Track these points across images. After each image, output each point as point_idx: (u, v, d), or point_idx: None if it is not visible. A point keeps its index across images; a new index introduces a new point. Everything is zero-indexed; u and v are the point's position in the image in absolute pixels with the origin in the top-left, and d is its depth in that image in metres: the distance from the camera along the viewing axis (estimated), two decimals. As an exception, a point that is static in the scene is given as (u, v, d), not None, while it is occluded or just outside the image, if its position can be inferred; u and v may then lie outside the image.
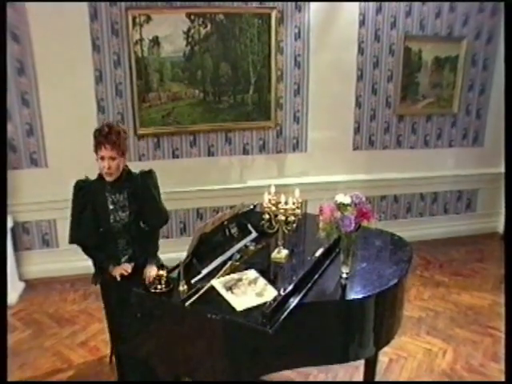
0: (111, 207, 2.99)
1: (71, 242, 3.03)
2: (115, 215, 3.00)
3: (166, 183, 5.07)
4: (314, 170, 5.57)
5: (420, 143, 5.98)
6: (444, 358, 3.91)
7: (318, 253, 2.85)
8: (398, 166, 5.88)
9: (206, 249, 2.82)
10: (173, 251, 3.61)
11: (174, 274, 2.69)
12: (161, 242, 5.36)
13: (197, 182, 5.32)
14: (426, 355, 3.95)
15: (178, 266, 2.67)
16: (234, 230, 3.13)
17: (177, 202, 5.25)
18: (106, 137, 2.83)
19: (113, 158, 2.87)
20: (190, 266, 2.68)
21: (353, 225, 2.50)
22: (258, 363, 2.48)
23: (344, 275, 2.69)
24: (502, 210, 6.07)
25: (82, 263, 3.51)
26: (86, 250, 3.08)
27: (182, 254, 2.68)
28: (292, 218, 2.78)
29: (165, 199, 5.12)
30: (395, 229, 3.76)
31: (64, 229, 2.92)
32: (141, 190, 3.07)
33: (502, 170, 5.97)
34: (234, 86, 5.24)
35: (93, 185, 2.99)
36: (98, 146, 2.85)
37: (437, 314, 4.53)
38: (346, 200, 2.57)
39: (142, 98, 5.02)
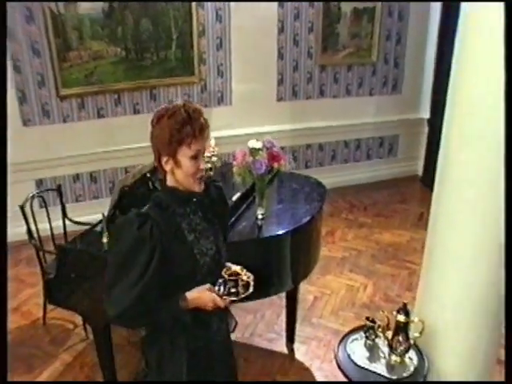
0: (190, 238, 1.89)
1: (116, 317, 1.81)
2: (199, 247, 1.91)
3: (93, 143, 5.12)
4: (240, 122, 5.62)
5: (342, 92, 6.14)
6: (365, 292, 4.23)
7: (235, 197, 3.00)
8: (321, 114, 6.02)
9: (129, 202, 2.90)
10: (103, 211, 3.65)
11: (99, 228, 2.78)
12: (91, 202, 5.39)
13: (124, 140, 5.25)
14: (348, 291, 4.25)
15: (101, 220, 2.76)
16: (158, 184, 3.20)
17: (105, 161, 5.27)
18: (199, 120, 1.80)
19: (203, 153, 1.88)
20: (114, 220, 2.76)
21: (263, 167, 2.66)
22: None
23: (260, 216, 2.86)
24: (421, 154, 6.42)
25: (12, 230, 3.38)
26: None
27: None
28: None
29: (93, 159, 5.14)
30: (321, 175, 3.96)
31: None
32: (219, 206, 2.09)
33: (420, 115, 6.34)
34: (156, 43, 5.18)
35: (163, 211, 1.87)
36: (186, 138, 1.77)
37: (359, 253, 4.83)
38: (257, 145, 2.72)
39: (62, 57, 4.85)
